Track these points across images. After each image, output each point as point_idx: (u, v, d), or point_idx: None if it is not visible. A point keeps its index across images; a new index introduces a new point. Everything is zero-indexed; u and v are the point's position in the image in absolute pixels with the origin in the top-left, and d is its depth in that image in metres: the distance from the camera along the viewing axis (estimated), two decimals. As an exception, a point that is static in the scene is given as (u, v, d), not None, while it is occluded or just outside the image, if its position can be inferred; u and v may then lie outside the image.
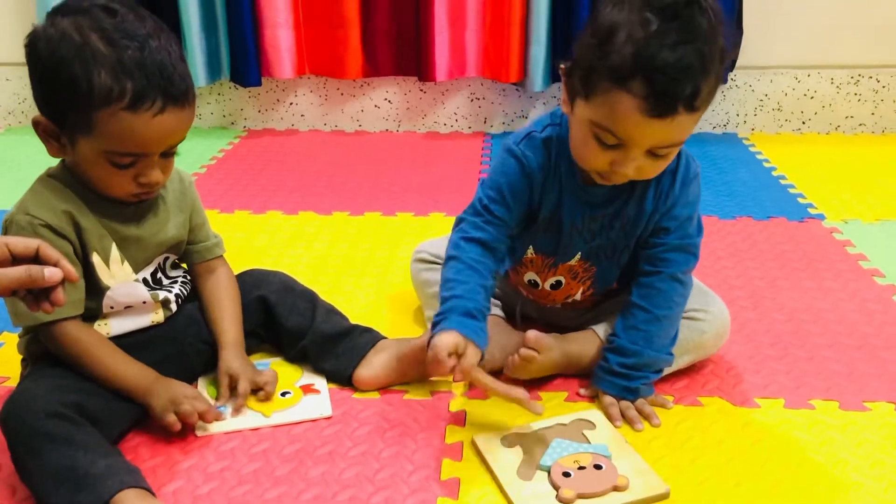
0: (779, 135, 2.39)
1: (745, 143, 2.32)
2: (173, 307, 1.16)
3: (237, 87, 2.42)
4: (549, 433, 1.06)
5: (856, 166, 2.13)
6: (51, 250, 0.84)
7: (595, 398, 1.16)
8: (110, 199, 1.06)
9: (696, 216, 1.16)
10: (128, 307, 1.11)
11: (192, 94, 1.02)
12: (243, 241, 1.70)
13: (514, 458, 1.02)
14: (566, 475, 0.98)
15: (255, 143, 2.35)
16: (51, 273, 0.82)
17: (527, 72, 2.28)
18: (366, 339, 1.20)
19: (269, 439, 1.08)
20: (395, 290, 1.49)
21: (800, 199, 1.91)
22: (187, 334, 1.17)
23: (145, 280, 1.13)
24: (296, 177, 2.08)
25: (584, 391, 1.18)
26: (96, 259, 1.06)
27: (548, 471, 1.00)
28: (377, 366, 1.18)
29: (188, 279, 1.21)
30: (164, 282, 1.16)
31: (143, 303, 1.12)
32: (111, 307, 1.10)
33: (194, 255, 1.20)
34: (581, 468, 0.99)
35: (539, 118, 1.15)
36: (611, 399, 1.13)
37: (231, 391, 1.13)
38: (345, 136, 2.43)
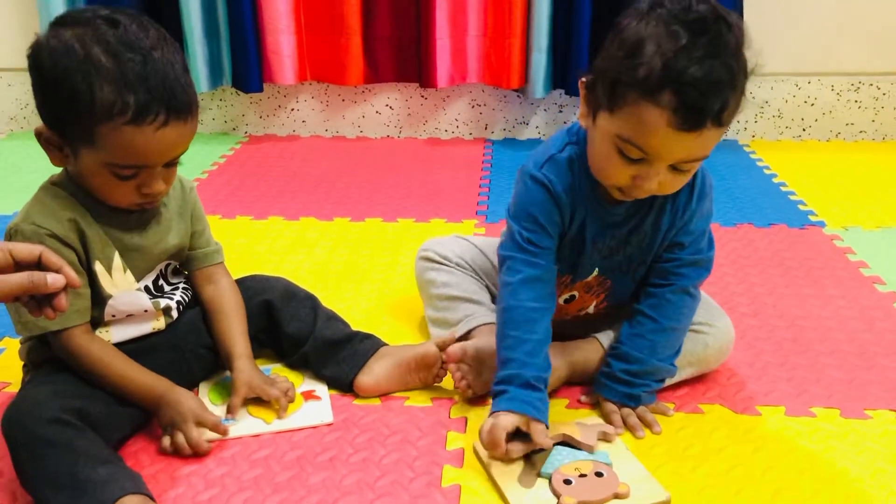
0: (779, 142, 2.40)
1: (746, 150, 2.32)
2: (174, 314, 1.16)
3: (239, 93, 2.43)
4: (568, 427, 1.06)
5: (856, 173, 2.13)
6: (53, 256, 0.84)
7: (596, 405, 1.16)
8: (113, 207, 1.06)
9: (708, 230, 1.15)
10: (129, 315, 1.11)
11: (196, 105, 1.01)
12: (245, 247, 1.70)
13: (516, 466, 1.02)
14: (567, 483, 0.98)
15: (257, 149, 2.35)
16: (53, 279, 0.82)
17: (528, 78, 2.28)
18: (367, 345, 1.21)
19: (269, 446, 1.08)
20: (397, 296, 1.49)
21: (800, 206, 1.91)
22: (188, 340, 1.17)
23: (147, 288, 1.12)
24: (297, 183, 2.08)
25: (585, 398, 1.17)
26: (99, 268, 1.06)
27: (549, 478, 0.99)
28: (378, 372, 1.18)
29: (189, 285, 1.21)
30: (166, 288, 1.16)
31: (145, 311, 1.12)
32: (113, 315, 1.10)
33: (194, 262, 1.20)
34: (582, 476, 0.99)
35: (554, 137, 1.13)
36: (612, 406, 1.12)
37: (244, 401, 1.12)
38: (346, 142, 2.43)
